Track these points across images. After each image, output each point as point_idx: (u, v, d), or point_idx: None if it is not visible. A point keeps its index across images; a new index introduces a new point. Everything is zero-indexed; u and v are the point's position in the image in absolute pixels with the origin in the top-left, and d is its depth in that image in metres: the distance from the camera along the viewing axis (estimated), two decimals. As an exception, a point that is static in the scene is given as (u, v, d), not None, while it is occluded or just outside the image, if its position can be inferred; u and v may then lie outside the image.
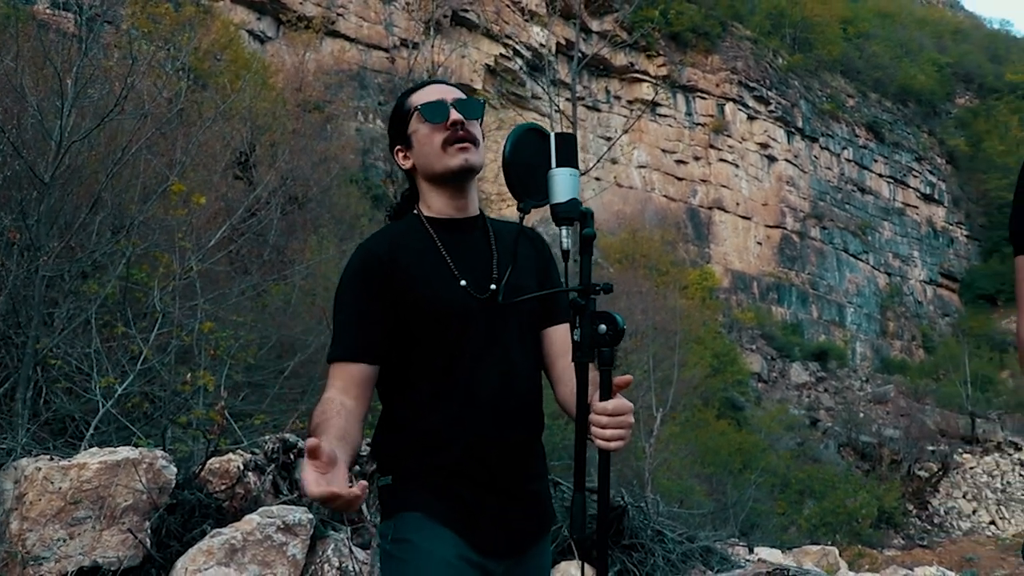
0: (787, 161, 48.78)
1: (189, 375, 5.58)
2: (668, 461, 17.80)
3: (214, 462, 4.76)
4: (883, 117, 54.64)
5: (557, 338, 2.19)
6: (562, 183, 1.94)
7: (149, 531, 4.07)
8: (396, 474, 2.09)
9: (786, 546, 11.16)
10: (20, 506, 3.86)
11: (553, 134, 1.98)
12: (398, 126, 2.23)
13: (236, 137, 11.78)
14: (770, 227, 47.51)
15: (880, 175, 53.61)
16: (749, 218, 47.07)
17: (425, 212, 2.21)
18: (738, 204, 46.93)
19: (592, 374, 1.90)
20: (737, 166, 47.17)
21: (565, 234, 1.95)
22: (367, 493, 1.75)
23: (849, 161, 52.23)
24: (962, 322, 51.92)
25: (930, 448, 35.25)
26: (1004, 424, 38.11)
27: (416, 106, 2.17)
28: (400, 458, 2.09)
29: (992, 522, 32.21)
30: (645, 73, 44.76)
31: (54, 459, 4.08)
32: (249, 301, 8.99)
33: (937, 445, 35.67)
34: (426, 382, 2.08)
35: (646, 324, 22.81)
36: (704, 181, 46.55)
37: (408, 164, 2.22)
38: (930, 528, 31.44)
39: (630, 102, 44.37)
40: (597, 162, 17.73)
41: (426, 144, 2.15)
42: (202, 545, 3.98)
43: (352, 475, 1.87)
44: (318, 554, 4.34)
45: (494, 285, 2.11)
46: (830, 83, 52.88)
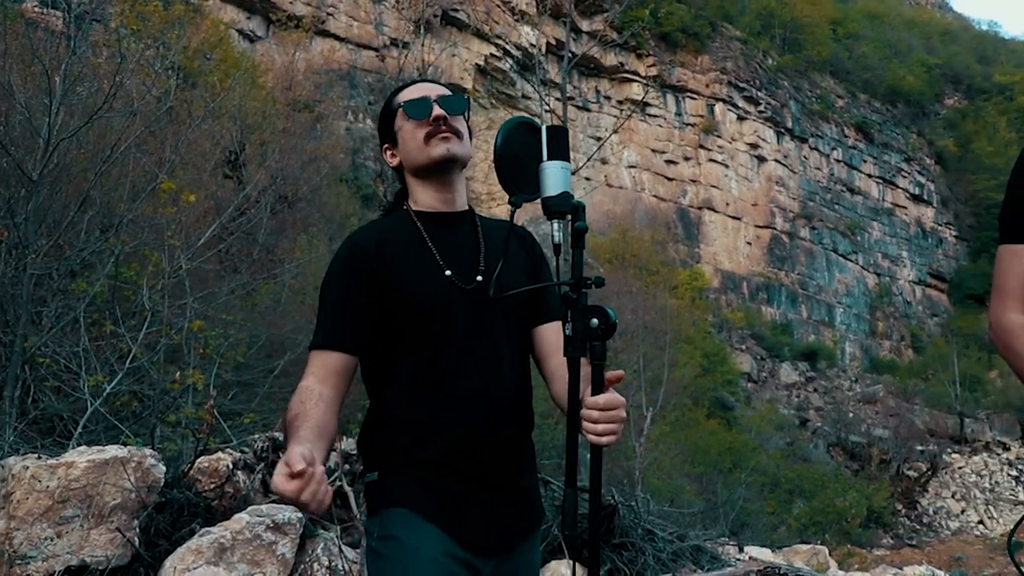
0: (777, 161, 48.93)
1: (178, 374, 5.56)
2: (658, 460, 17.82)
3: (203, 461, 4.75)
4: (872, 118, 54.85)
5: (549, 335, 2.18)
6: (553, 176, 1.92)
7: (137, 530, 4.05)
8: (383, 470, 2.08)
9: (776, 545, 11.14)
10: (7, 505, 3.83)
11: (544, 127, 1.97)
12: (385, 125, 2.27)
13: (226, 136, 11.78)
14: (760, 227, 47.65)
15: (869, 175, 53.79)
16: (739, 218, 47.19)
17: (413, 207, 2.23)
18: (728, 204, 47.05)
19: (584, 369, 1.89)
20: (727, 166, 47.30)
21: (557, 228, 1.93)
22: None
23: (838, 161, 52.41)
24: (951, 322, 52.09)
25: (919, 448, 35.40)
26: (992, 424, 38.30)
27: (400, 103, 2.20)
28: (387, 454, 2.08)
29: (980, 521, 32.36)
30: (635, 73, 44.88)
31: (42, 458, 4.06)
32: (239, 300, 8.98)
33: (926, 445, 35.81)
34: (412, 374, 2.07)
35: (636, 324, 22.81)
36: (694, 181, 46.67)
37: (395, 161, 2.25)
38: (919, 528, 31.57)
39: (620, 102, 44.47)
40: (587, 161, 17.73)
41: (410, 140, 2.18)
42: (191, 544, 3.97)
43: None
44: (307, 553, 4.32)
45: (480, 277, 2.12)
46: (819, 84, 53.07)
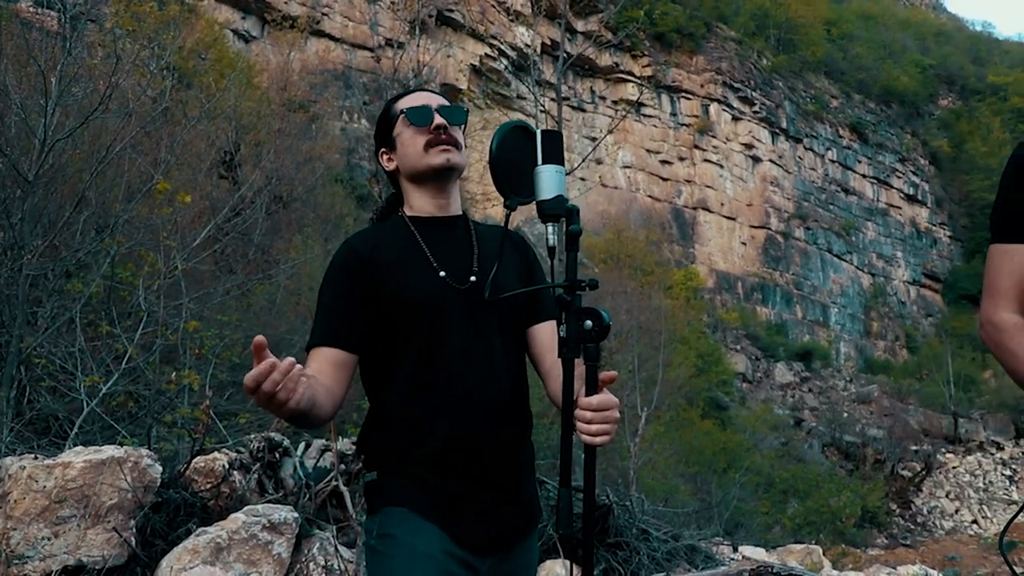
0: (771, 162, 49.00)
1: (174, 374, 5.58)
2: (653, 460, 17.85)
3: (199, 461, 4.76)
4: (867, 118, 54.94)
5: (544, 334, 2.20)
6: (548, 180, 1.94)
7: (134, 530, 4.06)
8: (382, 469, 2.10)
9: (770, 545, 11.16)
10: (4, 505, 3.84)
11: (539, 131, 1.99)
12: (384, 129, 2.28)
13: (221, 136, 11.78)
14: (754, 227, 47.71)
15: (864, 176, 53.89)
16: (734, 218, 47.24)
17: (408, 212, 2.26)
18: (723, 204, 47.10)
19: (579, 370, 1.91)
20: (722, 166, 47.34)
21: (551, 231, 1.96)
22: (304, 392, 1.71)
23: (833, 162, 52.50)
24: (945, 322, 52.19)
25: (913, 448, 35.46)
26: (986, 424, 38.35)
27: (402, 110, 2.22)
28: (385, 453, 2.10)
29: (974, 521, 32.40)
30: (630, 73, 44.89)
31: (38, 458, 4.06)
32: (234, 300, 8.98)
33: (920, 445, 35.87)
34: (409, 375, 2.09)
35: (631, 324, 22.84)
36: (689, 181, 46.70)
37: (392, 166, 2.28)
38: (913, 527, 31.61)
39: (615, 102, 44.47)
40: (582, 162, 17.70)
41: (410, 145, 2.20)
42: (187, 544, 3.98)
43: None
44: (303, 553, 4.33)
45: (474, 278, 2.14)
46: (814, 84, 53.16)
